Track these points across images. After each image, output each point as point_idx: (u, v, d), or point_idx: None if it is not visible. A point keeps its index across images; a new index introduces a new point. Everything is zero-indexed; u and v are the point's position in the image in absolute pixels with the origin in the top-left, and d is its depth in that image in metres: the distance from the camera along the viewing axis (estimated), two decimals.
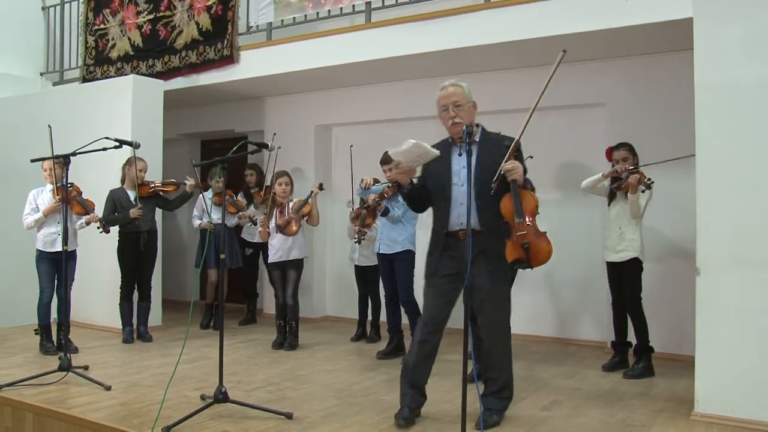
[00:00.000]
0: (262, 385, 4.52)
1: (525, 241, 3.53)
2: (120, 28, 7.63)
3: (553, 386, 4.56)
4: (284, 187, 5.78)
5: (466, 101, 3.66)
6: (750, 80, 3.68)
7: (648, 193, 4.72)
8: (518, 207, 3.60)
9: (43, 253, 5.42)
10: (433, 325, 3.66)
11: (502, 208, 3.55)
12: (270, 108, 7.84)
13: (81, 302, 6.10)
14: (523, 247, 3.53)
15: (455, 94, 3.65)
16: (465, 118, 3.63)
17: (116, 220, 5.82)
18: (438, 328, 3.67)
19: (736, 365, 3.67)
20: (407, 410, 3.64)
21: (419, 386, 3.71)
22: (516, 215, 3.60)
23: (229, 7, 6.77)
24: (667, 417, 3.84)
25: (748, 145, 3.68)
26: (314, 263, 7.34)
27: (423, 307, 3.79)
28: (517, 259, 3.54)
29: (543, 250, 3.63)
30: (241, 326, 7.02)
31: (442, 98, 3.68)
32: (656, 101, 5.57)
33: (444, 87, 3.70)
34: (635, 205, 4.72)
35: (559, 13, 5.01)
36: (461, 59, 5.84)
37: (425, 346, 3.67)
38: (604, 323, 5.66)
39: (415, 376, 3.69)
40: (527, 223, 3.63)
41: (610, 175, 4.87)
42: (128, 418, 3.69)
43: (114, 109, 6.64)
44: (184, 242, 9.03)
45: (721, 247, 3.73)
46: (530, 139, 5.72)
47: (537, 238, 3.59)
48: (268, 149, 4.19)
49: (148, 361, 5.24)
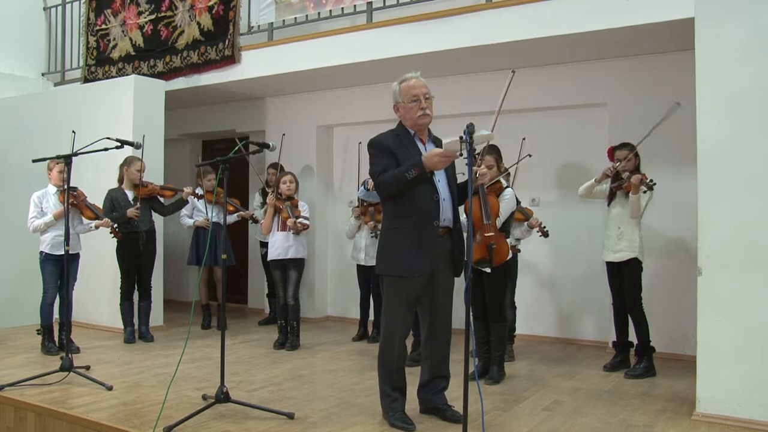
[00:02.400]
0: (263, 385, 4.53)
1: (492, 242, 3.60)
2: (121, 29, 7.64)
3: (554, 386, 4.56)
4: (288, 185, 5.79)
5: (431, 96, 3.65)
6: (751, 80, 3.68)
7: (649, 194, 4.72)
8: (487, 209, 3.68)
9: (49, 256, 5.42)
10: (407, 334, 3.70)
11: (468, 209, 3.54)
12: (271, 108, 7.84)
13: (83, 302, 6.11)
14: (489, 248, 3.59)
15: (426, 86, 3.61)
16: (431, 112, 3.62)
17: (113, 219, 5.82)
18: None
19: (737, 365, 3.67)
20: (405, 414, 3.62)
21: (404, 388, 3.71)
22: (485, 217, 3.67)
23: (231, 7, 6.77)
24: (668, 417, 3.84)
25: (749, 144, 3.68)
26: (315, 263, 7.35)
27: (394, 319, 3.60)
28: (481, 258, 3.59)
29: (504, 250, 3.79)
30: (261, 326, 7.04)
31: (414, 87, 3.58)
32: (657, 101, 5.55)
33: (411, 77, 3.62)
34: (636, 206, 4.71)
35: (559, 14, 5.01)
36: (462, 59, 5.84)
37: (405, 351, 3.72)
38: (606, 323, 5.66)
39: (400, 381, 3.68)
40: (493, 225, 3.70)
41: (603, 178, 4.87)
42: (130, 418, 3.70)
43: (115, 110, 6.64)
44: (184, 242, 9.02)
45: (722, 246, 3.73)
46: (531, 139, 5.78)
47: (500, 240, 3.68)
48: (270, 149, 4.19)
49: (150, 361, 5.25)
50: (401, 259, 3.53)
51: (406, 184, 3.45)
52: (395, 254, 3.55)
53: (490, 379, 4.58)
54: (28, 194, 5.52)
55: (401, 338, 3.64)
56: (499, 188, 4.59)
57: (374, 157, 3.63)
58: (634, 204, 4.71)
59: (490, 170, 4.62)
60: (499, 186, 4.61)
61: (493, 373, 4.62)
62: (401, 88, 3.62)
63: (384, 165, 3.54)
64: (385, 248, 3.63)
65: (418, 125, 3.62)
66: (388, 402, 3.65)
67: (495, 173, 4.64)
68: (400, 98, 3.63)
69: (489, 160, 4.64)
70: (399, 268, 3.54)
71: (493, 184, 4.59)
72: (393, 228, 3.59)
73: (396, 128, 3.71)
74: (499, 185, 4.61)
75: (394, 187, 3.49)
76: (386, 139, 3.62)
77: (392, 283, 3.60)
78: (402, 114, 3.65)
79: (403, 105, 3.62)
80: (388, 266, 3.60)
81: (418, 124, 3.62)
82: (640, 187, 4.63)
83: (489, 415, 3.78)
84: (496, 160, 4.68)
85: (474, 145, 3.13)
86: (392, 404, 3.63)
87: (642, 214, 4.79)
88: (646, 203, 4.77)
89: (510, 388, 4.47)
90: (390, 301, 3.63)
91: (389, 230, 3.62)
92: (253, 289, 8.20)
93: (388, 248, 3.60)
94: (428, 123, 3.64)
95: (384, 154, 3.57)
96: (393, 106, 3.69)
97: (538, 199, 6.28)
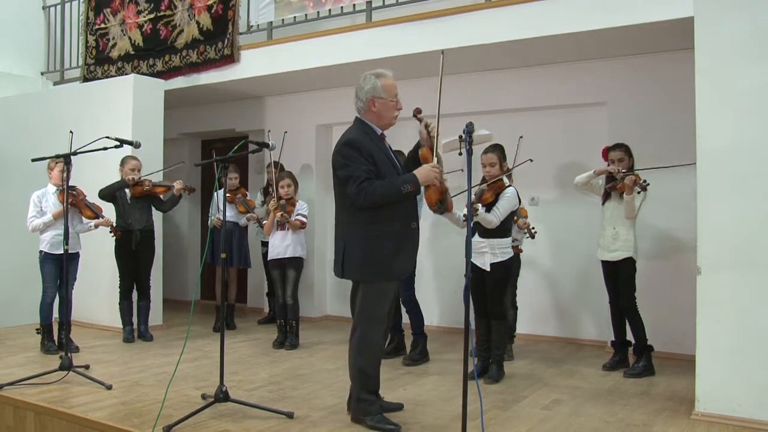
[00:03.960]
0: (263, 384, 4.53)
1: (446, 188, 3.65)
2: (120, 28, 7.63)
3: (553, 385, 4.56)
4: (287, 189, 5.79)
5: None
6: (751, 79, 3.68)
7: (643, 194, 4.74)
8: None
9: (48, 255, 5.42)
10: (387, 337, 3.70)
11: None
12: (271, 107, 7.84)
13: (82, 301, 6.10)
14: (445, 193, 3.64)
15: None
16: None
17: (109, 188, 5.86)
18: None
19: (736, 364, 3.67)
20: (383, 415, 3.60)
21: (377, 390, 3.70)
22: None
23: (230, 6, 6.77)
24: (667, 416, 3.84)
25: (749, 144, 3.68)
26: (314, 262, 7.34)
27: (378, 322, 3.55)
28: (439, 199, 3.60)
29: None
30: (261, 325, 7.05)
31: (394, 86, 3.55)
32: (657, 100, 5.57)
33: (389, 74, 3.57)
34: (630, 206, 4.74)
35: (559, 13, 5.01)
36: (462, 58, 5.83)
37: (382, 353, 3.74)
38: (604, 322, 5.66)
39: (376, 383, 3.67)
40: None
41: (602, 173, 4.88)
42: (129, 418, 3.70)
43: (115, 109, 6.64)
44: (184, 242, 9.04)
45: (722, 246, 3.73)
46: (531, 139, 5.79)
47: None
48: (269, 148, 4.19)
49: (149, 360, 5.25)
50: (390, 263, 3.48)
51: (400, 199, 3.42)
52: (382, 260, 3.46)
53: (489, 378, 4.59)
54: (28, 193, 5.52)
55: (384, 341, 3.67)
56: (500, 186, 4.59)
57: (353, 159, 3.43)
58: (629, 204, 4.73)
59: (493, 168, 4.64)
60: (501, 184, 4.61)
61: (492, 372, 4.62)
62: (383, 84, 3.52)
63: (365, 171, 3.40)
64: (368, 254, 3.46)
65: (388, 125, 3.61)
66: (365, 406, 3.57)
67: (497, 171, 4.64)
68: (382, 93, 3.52)
69: (492, 158, 4.65)
70: (387, 272, 3.49)
71: (494, 182, 4.60)
72: (374, 233, 3.46)
73: (362, 126, 3.57)
74: (500, 183, 4.61)
75: (382, 199, 3.39)
76: (365, 142, 3.49)
77: (377, 286, 3.51)
78: (377, 110, 3.53)
79: (383, 101, 3.53)
80: (372, 272, 3.48)
81: (388, 125, 3.61)
82: (634, 188, 4.65)
83: (488, 414, 3.78)
84: (499, 158, 4.68)
85: (473, 145, 3.13)
86: (369, 407, 3.57)
87: (636, 214, 4.80)
88: (640, 203, 4.79)
89: (509, 388, 4.47)
90: (375, 304, 3.52)
91: (368, 237, 3.46)
92: (252, 288, 8.20)
93: (373, 254, 3.46)
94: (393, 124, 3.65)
95: (365, 158, 3.44)
96: (367, 99, 3.53)
97: (537, 198, 6.28)
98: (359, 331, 3.56)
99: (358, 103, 3.60)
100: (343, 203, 3.55)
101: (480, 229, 4.57)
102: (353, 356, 3.59)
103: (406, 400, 4.02)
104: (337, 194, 3.61)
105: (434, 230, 6.73)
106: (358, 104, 3.60)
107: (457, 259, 6.17)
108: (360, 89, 3.57)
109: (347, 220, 3.55)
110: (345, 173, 3.45)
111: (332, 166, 3.56)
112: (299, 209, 5.83)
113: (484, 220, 4.48)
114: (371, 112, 3.56)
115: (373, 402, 3.60)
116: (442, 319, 6.80)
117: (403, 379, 4.71)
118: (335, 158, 3.52)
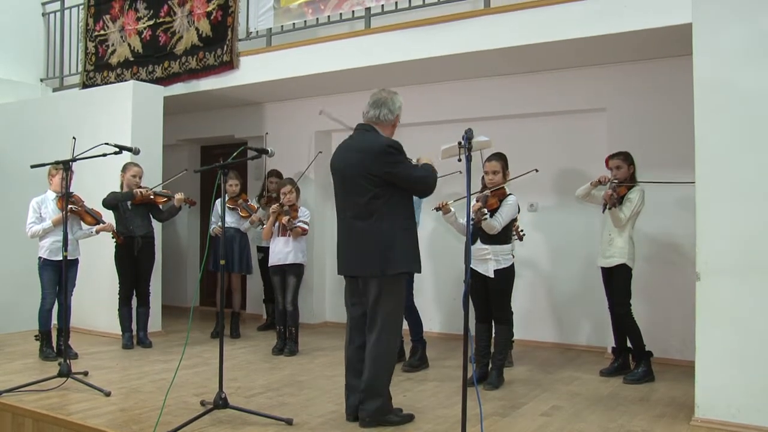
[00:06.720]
0: (261, 390, 4.52)
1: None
2: (120, 34, 7.65)
3: (553, 391, 4.55)
4: (288, 196, 5.79)
5: None
6: (749, 84, 3.69)
7: (635, 203, 4.77)
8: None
9: (47, 261, 5.41)
10: None
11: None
12: (270, 113, 7.84)
13: (81, 308, 6.09)
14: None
15: None
16: None
17: (115, 198, 5.87)
18: None
19: (736, 370, 3.67)
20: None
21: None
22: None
23: (229, 12, 6.78)
24: (667, 422, 3.84)
25: (747, 149, 3.69)
26: (314, 269, 7.33)
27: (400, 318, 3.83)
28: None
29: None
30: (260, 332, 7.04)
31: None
32: (656, 106, 5.58)
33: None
34: (614, 216, 4.80)
35: (558, 19, 5.02)
36: (460, 65, 5.85)
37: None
38: (604, 328, 5.65)
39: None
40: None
41: (598, 183, 4.92)
42: (128, 424, 3.69)
43: (114, 115, 6.64)
44: (183, 248, 9.03)
45: (721, 251, 3.73)
46: (530, 145, 5.80)
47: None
48: (268, 155, 4.20)
49: (148, 366, 5.24)
50: (416, 256, 3.73)
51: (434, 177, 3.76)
52: (413, 252, 3.71)
53: (488, 385, 4.58)
54: (27, 200, 5.52)
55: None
56: (502, 194, 4.62)
57: (403, 156, 3.66)
58: (612, 215, 4.80)
59: (496, 176, 4.67)
60: (503, 192, 4.64)
61: (491, 379, 4.62)
62: (401, 105, 3.76)
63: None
64: (401, 248, 3.64)
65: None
66: (390, 404, 3.73)
67: (500, 180, 4.67)
68: (400, 113, 3.77)
69: (495, 166, 4.68)
70: (416, 264, 3.74)
71: (497, 190, 4.62)
72: (405, 228, 3.68)
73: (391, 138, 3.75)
74: (502, 191, 4.64)
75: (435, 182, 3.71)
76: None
77: (399, 287, 3.71)
78: (395, 126, 3.79)
79: (396, 121, 3.78)
80: (405, 265, 3.67)
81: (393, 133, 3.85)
82: (610, 201, 4.70)
83: (487, 420, 3.77)
84: (502, 167, 4.71)
85: (472, 151, 3.14)
86: (390, 404, 3.74)
87: (626, 224, 4.81)
88: (631, 213, 4.80)
89: (509, 394, 4.47)
90: (398, 305, 3.73)
91: (402, 230, 3.66)
92: (250, 294, 8.18)
93: (406, 247, 3.67)
94: None
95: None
96: (397, 115, 3.75)
97: (536, 204, 6.29)
98: (387, 338, 3.67)
99: (387, 115, 3.70)
100: (373, 203, 3.61)
101: (482, 235, 4.57)
102: (383, 363, 3.68)
103: (405, 406, 4.01)
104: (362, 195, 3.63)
105: (433, 237, 6.73)
106: (386, 115, 3.70)
107: (457, 266, 6.17)
108: (390, 102, 3.71)
109: (383, 217, 3.61)
110: (405, 169, 3.62)
111: (365, 168, 3.60)
112: (301, 216, 5.84)
113: (488, 225, 4.49)
114: (391, 127, 3.76)
115: (390, 398, 3.76)
116: (441, 325, 6.79)
117: (403, 385, 4.70)
118: (380, 161, 3.57)
